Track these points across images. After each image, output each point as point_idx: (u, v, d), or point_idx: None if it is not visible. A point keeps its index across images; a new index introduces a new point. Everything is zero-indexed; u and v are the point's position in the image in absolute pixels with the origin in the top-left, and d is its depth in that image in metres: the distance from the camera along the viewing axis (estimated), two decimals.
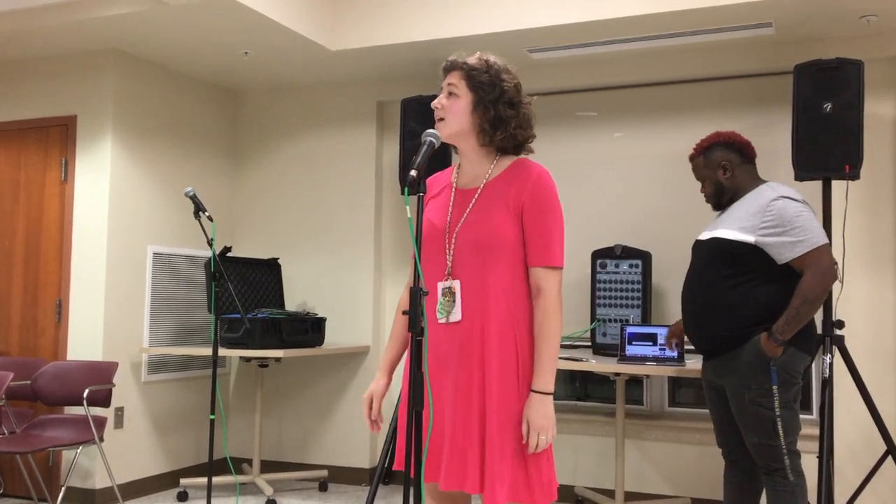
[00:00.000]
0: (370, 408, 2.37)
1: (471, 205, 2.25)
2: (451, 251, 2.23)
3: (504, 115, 2.25)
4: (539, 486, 2.16)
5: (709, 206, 3.52)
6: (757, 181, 3.33)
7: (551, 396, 2.16)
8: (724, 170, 3.33)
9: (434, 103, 2.30)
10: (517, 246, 2.20)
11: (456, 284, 2.20)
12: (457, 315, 2.19)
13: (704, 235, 3.35)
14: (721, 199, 3.37)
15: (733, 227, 3.20)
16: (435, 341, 2.23)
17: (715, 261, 3.23)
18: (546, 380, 2.15)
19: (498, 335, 2.17)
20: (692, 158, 3.47)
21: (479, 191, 2.26)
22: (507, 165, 2.27)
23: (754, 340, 3.11)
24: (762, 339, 3.08)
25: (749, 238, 3.13)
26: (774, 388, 3.07)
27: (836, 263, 3.18)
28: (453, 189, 2.32)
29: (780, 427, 3.07)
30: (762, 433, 3.10)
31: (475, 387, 2.17)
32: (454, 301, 2.19)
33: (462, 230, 2.22)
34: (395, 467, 2.34)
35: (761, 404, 3.09)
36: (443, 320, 2.21)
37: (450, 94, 2.28)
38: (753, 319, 3.13)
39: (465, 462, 2.16)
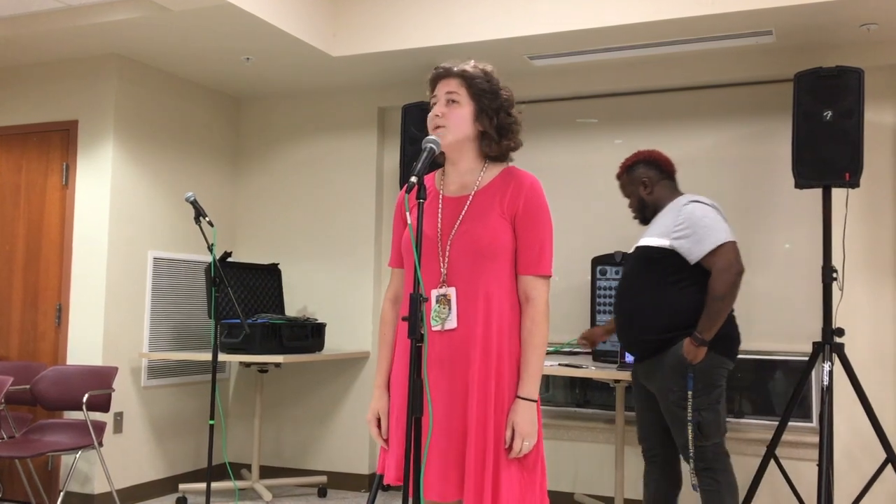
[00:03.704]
0: (378, 426, 2.31)
1: (462, 213, 2.23)
2: (446, 259, 2.21)
3: (506, 123, 2.27)
4: (541, 491, 2.20)
5: None
6: (676, 193, 3.51)
7: (535, 403, 2.18)
8: (644, 185, 3.54)
9: (434, 111, 2.25)
10: (511, 253, 2.21)
11: (451, 291, 2.19)
12: (452, 322, 2.18)
13: (632, 248, 3.54)
14: (645, 212, 3.57)
15: (654, 234, 3.39)
16: (428, 348, 2.21)
17: (640, 268, 3.42)
18: (533, 386, 2.17)
19: (496, 342, 2.17)
20: (618, 177, 3.67)
21: (471, 199, 2.25)
22: (497, 173, 2.28)
23: (676, 346, 3.25)
24: (685, 344, 3.21)
25: (665, 242, 3.31)
26: (689, 393, 3.20)
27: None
28: (440, 197, 2.30)
29: (701, 429, 3.20)
30: (685, 435, 3.24)
31: (474, 394, 2.15)
32: (449, 308, 2.18)
33: (457, 238, 2.21)
34: (386, 481, 2.25)
35: (682, 407, 3.23)
36: (437, 327, 2.19)
37: (450, 101, 2.26)
38: (676, 323, 3.27)
39: (467, 471, 2.13)
